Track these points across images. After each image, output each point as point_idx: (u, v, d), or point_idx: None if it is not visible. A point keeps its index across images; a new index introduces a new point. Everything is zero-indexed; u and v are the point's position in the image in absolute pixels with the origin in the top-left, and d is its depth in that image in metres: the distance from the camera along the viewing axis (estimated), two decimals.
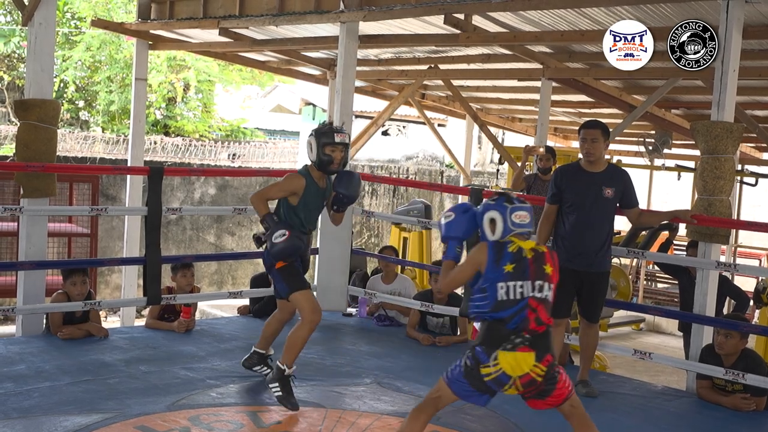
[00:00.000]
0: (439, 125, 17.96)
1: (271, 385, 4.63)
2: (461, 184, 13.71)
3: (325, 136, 4.73)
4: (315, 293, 7.54)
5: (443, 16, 7.08)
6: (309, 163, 4.85)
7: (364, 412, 4.65)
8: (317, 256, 7.55)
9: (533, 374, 3.49)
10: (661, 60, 7.53)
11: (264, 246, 4.77)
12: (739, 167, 12.85)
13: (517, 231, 3.66)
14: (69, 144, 18.95)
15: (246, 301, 7.37)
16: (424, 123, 14.86)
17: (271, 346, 5.17)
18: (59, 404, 4.43)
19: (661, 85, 8.84)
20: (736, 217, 10.39)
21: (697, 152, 6.26)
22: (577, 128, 5.54)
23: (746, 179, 12.89)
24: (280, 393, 4.56)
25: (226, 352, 5.87)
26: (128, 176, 10.27)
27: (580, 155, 5.30)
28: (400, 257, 9.79)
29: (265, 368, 5.03)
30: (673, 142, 12.25)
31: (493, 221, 3.67)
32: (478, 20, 7.56)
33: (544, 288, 3.62)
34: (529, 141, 12.52)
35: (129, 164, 10.25)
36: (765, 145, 12.31)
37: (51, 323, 6.00)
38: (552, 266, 3.67)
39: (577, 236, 5.17)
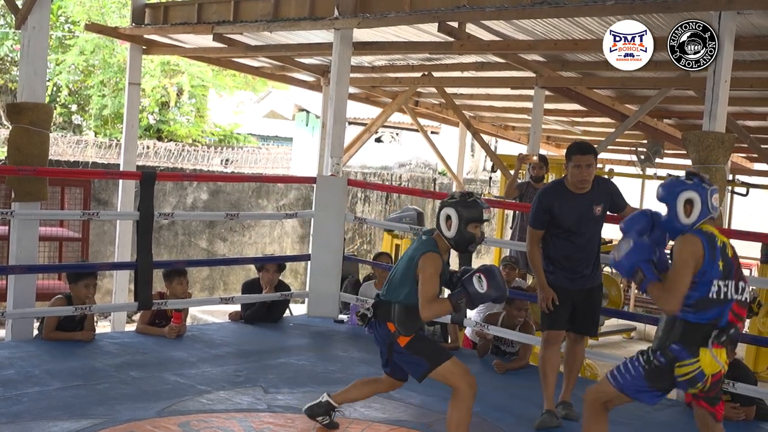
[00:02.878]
0: (432, 132, 17.98)
1: None
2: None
3: (471, 210, 4.11)
4: (307, 300, 7.56)
5: (437, 24, 7.10)
6: (432, 232, 4.22)
7: (355, 419, 4.64)
8: (309, 262, 7.54)
9: (723, 371, 3.53)
10: (654, 69, 7.57)
11: (368, 322, 4.23)
12: (731, 177, 12.88)
13: (713, 215, 3.55)
14: (61, 148, 18.90)
15: (237, 307, 7.35)
16: (417, 130, 14.88)
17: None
18: (48, 409, 4.41)
19: (654, 94, 8.88)
20: (727, 227, 10.42)
21: (688, 162, 6.27)
22: (570, 137, 5.52)
23: (737, 189, 12.92)
24: None
25: (217, 358, 5.86)
26: (120, 181, 10.25)
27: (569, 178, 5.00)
28: (393, 264, 9.77)
29: (327, 419, 4.47)
30: (665, 151, 12.28)
31: (690, 202, 3.50)
32: (471, 28, 7.58)
33: (745, 291, 3.57)
34: (522, 149, 12.54)
35: (121, 169, 10.23)
36: (756, 155, 12.35)
37: (45, 327, 5.97)
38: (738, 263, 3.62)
39: (572, 260, 4.97)
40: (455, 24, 7.23)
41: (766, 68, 7.63)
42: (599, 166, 13.53)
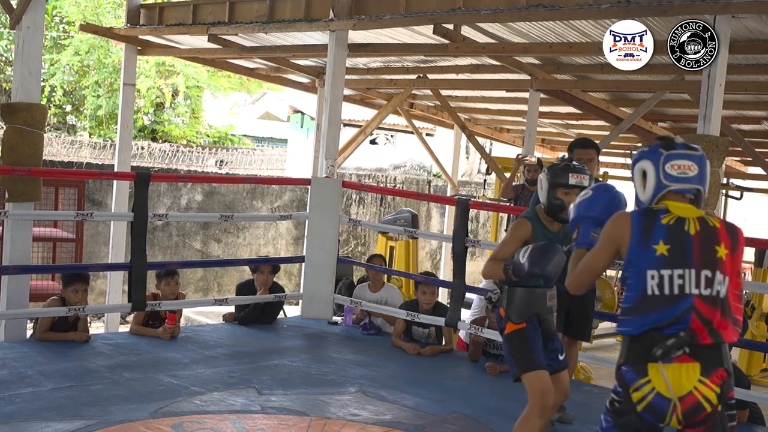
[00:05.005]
0: (427, 135, 17.99)
1: None
2: (449, 194, 13.72)
3: (558, 175, 3.96)
4: (301, 302, 7.56)
5: (432, 26, 7.10)
6: (538, 203, 4.10)
7: (348, 421, 4.64)
8: (303, 264, 7.54)
9: (699, 395, 2.62)
10: (649, 72, 7.59)
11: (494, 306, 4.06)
12: (725, 181, 12.92)
13: (673, 187, 2.79)
14: (55, 148, 18.87)
15: (231, 309, 7.35)
16: (412, 132, 14.88)
17: None
18: (41, 410, 4.40)
19: (648, 97, 8.90)
20: None
21: None
22: (564, 140, 5.49)
23: (731, 193, 12.96)
24: None
25: (211, 359, 5.85)
26: (115, 181, 10.23)
27: None
28: (387, 266, 9.78)
29: None
30: None
31: (644, 174, 2.87)
32: (467, 31, 7.58)
33: (715, 281, 2.68)
34: (517, 152, 12.55)
35: (116, 169, 10.20)
36: (750, 159, 12.38)
37: (38, 328, 5.96)
38: (728, 247, 2.73)
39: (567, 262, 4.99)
40: (450, 26, 7.24)
41: (761, 72, 7.65)
42: None
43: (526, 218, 4.00)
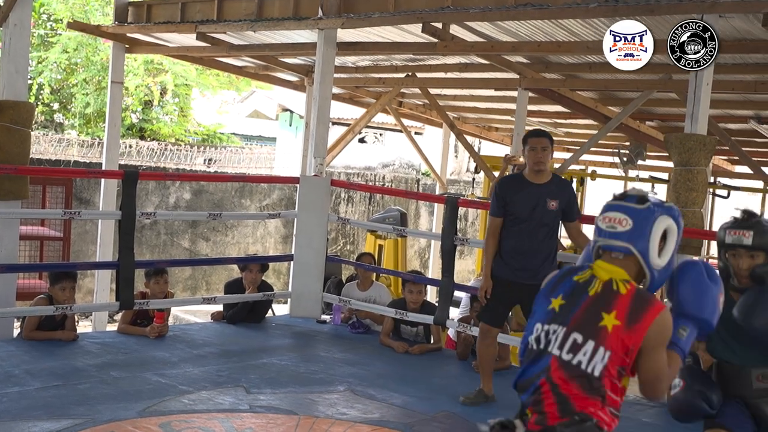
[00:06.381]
0: (415, 133, 18.00)
1: None
2: (437, 193, 13.73)
3: (721, 232, 3.45)
4: (289, 300, 7.55)
5: (421, 24, 7.10)
6: None
7: (337, 420, 4.64)
8: (292, 262, 7.53)
9: None
10: (636, 72, 7.60)
11: None
12: (712, 180, 12.98)
13: (600, 243, 2.52)
14: (43, 146, 18.79)
15: (220, 307, 7.33)
16: (400, 131, 14.88)
17: None
18: (28, 409, 4.38)
19: (636, 97, 8.92)
20: (708, 229, 10.49)
21: (670, 164, 6.31)
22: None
23: (718, 191, 13.02)
24: None
25: (199, 358, 5.84)
26: (102, 180, 10.19)
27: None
28: (376, 264, 9.78)
29: None
30: (648, 153, 12.34)
31: None
32: (455, 29, 7.59)
33: (582, 349, 2.35)
34: (505, 150, 12.57)
35: (103, 168, 10.16)
36: (737, 158, 12.44)
37: (25, 327, 5.94)
38: (622, 318, 2.35)
39: (521, 249, 5.01)
40: (439, 25, 7.24)
41: (748, 71, 7.68)
42: (581, 167, 13.66)
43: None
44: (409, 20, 7.20)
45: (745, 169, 13.96)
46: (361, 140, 22.92)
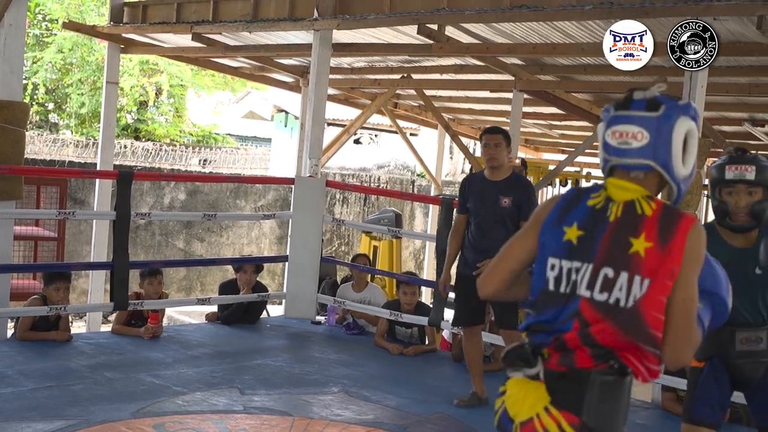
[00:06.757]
0: (411, 134, 18.01)
1: None
2: (432, 194, 13.74)
3: (716, 170, 3.32)
4: (284, 301, 7.55)
5: (416, 26, 7.11)
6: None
7: (331, 421, 4.63)
8: (287, 263, 7.52)
9: (540, 426, 2.07)
10: (631, 74, 7.61)
11: None
12: (706, 182, 12.99)
13: (613, 162, 2.17)
14: (37, 146, 18.76)
15: (214, 308, 7.33)
16: (396, 132, 14.89)
17: None
18: (21, 410, 4.37)
19: None
20: None
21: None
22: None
23: None
24: None
25: (193, 359, 5.83)
26: (97, 180, 10.17)
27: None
28: (371, 266, 9.79)
29: None
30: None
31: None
32: (451, 31, 7.59)
33: (616, 284, 2.04)
34: None
35: (98, 168, 10.15)
36: None
37: (19, 327, 5.92)
38: (653, 239, 2.04)
39: (477, 246, 5.04)
40: (435, 26, 7.25)
41: (742, 74, 7.70)
42: (576, 169, 13.66)
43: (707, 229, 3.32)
44: (404, 21, 7.21)
45: None
46: (357, 141, 22.92)
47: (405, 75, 10.32)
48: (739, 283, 2.93)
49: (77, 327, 12.07)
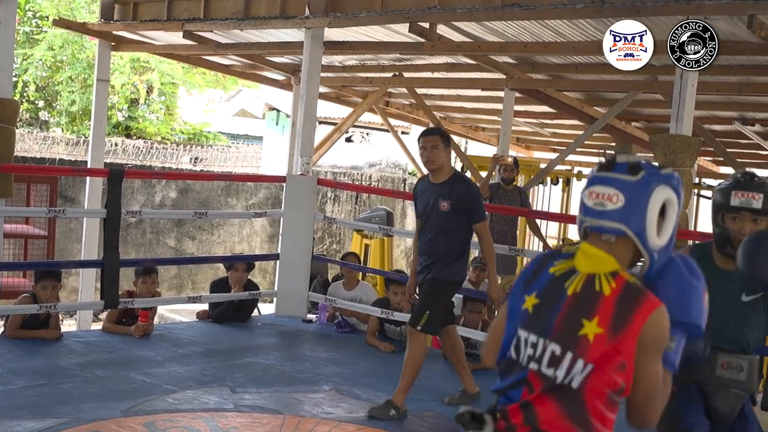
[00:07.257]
0: (402, 133, 18.00)
1: None
2: None
3: (720, 193, 3.13)
4: (275, 299, 7.54)
5: (408, 24, 7.11)
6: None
7: (322, 419, 4.63)
8: (278, 261, 7.52)
9: None
10: (622, 73, 7.64)
11: None
12: (697, 180, 13.04)
13: (587, 224, 2.10)
14: (27, 144, 18.70)
15: (205, 306, 7.31)
16: (387, 130, 14.89)
17: None
18: (11, 408, 4.35)
19: (622, 97, 8.96)
20: (693, 229, 10.55)
21: (655, 165, 6.32)
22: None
23: (703, 192, 13.08)
24: None
25: (184, 357, 5.82)
26: (88, 178, 10.14)
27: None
28: (362, 264, 9.78)
29: None
30: (633, 154, 12.41)
31: None
32: (442, 29, 7.60)
33: (563, 362, 1.98)
34: (492, 151, 12.60)
35: (89, 166, 10.12)
36: (722, 159, 12.50)
37: (9, 325, 5.90)
38: (605, 325, 1.96)
39: (421, 249, 4.99)
40: (426, 25, 7.25)
41: (732, 73, 7.73)
42: (567, 167, 13.69)
43: (696, 249, 3.23)
44: (396, 20, 7.21)
45: (729, 170, 14.04)
46: (348, 139, 22.90)
47: (396, 73, 10.32)
48: (727, 307, 2.92)
49: (67, 325, 12.03)
